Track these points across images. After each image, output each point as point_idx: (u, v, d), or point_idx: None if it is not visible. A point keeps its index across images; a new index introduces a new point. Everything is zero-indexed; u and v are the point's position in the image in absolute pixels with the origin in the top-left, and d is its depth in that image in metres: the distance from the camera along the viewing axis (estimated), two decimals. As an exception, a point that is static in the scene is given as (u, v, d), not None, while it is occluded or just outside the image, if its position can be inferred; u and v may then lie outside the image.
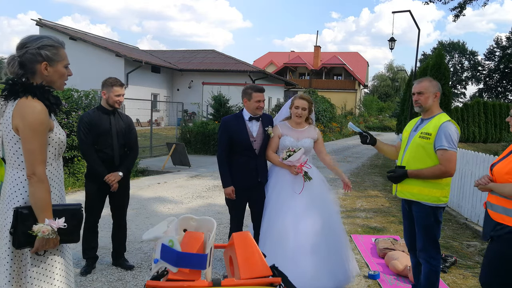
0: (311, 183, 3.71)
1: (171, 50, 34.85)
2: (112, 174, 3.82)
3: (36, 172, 1.96)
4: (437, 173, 3.04)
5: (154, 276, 1.63)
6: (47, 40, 2.07)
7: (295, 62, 47.21)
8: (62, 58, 2.11)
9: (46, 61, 2.04)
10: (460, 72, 56.44)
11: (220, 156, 3.77)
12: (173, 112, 23.28)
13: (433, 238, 3.19)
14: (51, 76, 2.08)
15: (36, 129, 1.97)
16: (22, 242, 1.98)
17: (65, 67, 2.14)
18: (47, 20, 26.03)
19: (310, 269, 3.47)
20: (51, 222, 1.96)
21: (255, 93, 3.71)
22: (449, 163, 3.00)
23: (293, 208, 3.65)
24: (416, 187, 3.15)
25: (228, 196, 3.75)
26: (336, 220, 3.82)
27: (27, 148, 1.97)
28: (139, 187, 8.24)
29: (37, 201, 1.96)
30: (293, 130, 3.86)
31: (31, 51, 2.02)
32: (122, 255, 4.14)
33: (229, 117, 3.86)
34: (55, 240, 2.00)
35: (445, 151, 3.01)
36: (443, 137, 3.02)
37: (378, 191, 8.86)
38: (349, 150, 18.32)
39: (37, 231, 1.93)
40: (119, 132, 3.91)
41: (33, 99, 2.00)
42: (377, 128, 37.24)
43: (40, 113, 1.99)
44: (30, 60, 2.02)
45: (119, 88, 3.85)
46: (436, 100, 3.20)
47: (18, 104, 1.99)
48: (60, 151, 2.18)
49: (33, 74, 2.05)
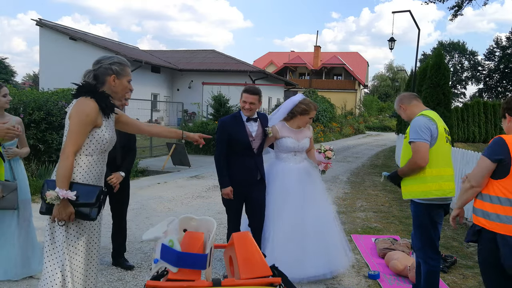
0: (313, 178, 4.03)
1: (171, 50, 34.85)
2: (114, 175, 3.83)
3: (65, 150, 2.34)
4: (410, 166, 3.14)
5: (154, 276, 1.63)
6: (117, 59, 2.56)
7: (295, 62, 47.20)
8: (127, 74, 2.59)
9: (114, 74, 2.51)
10: (460, 72, 56.47)
11: (218, 157, 3.77)
12: (173, 112, 23.29)
13: (429, 238, 3.19)
14: (116, 87, 2.54)
15: (81, 118, 2.35)
16: (44, 209, 2.37)
17: (128, 81, 2.61)
18: (47, 20, 26.00)
19: (306, 257, 3.76)
20: (59, 190, 2.27)
21: (243, 93, 3.74)
22: (416, 153, 3.07)
23: (297, 200, 3.88)
24: (408, 186, 3.23)
25: (226, 197, 3.76)
26: (330, 210, 4.12)
27: (69, 130, 2.37)
28: (139, 187, 8.24)
29: (58, 173, 2.33)
30: (293, 131, 3.99)
31: (104, 66, 2.50)
32: (122, 255, 4.14)
33: (226, 118, 3.88)
34: (67, 210, 2.31)
35: (412, 143, 3.12)
36: (411, 131, 3.16)
37: (378, 191, 8.86)
38: (349, 150, 18.32)
39: (46, 195, 2.29)
40: (121, 132, 3.91)
41: (91, 99, 2.40)
42: (377, 128, 37.23)
43: (91, 108, 2.37)
44: (103, 72, 2.50)
45: None
46: (408, 108, 3.40)
47: (79, 100, 2.42)
48: (104, 147, 2.51)
49: (103, 84, 2.50)
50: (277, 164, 4.03)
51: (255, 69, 28.63)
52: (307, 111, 3.97)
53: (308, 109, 3.97)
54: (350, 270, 4.28)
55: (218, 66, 28.08)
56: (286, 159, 4.01)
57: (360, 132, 32.19)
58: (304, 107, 3.96)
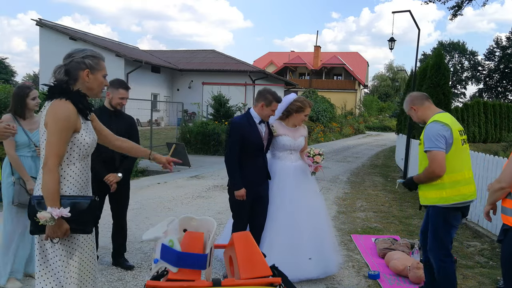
0: (308, 177, 4.08)
1: (171, 50, 34.84)
2: (111, 174, 3.83)
3: (48, 162, 2.13)
4: (428, 175, 3.12)
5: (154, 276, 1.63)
6: (90, 52, 2.34)
7: (295, 62, 47.20)
8: (101, 68, 2.36)
9: (88, 69, 2.29)
10: (460, 72, 56.46)
11: (231, 159, 3.68)
12: (173, 112, 23.26)
13: (439, 240, 3.18)
14: (91, 83, 2.31)
15: (61, 124, 2.15)
16: (36, 230, 2.15)
17: (103, 76, 2.38)
18: (47, 20, 26.01)
19: (301, 257, 3.80)
20: (52, 210, 2.07)
21: (275, 102, 3.73)
22: (433, 162, 3.05)
23: (293, 199, 3.94)
24: (426, 192, 3.22)
25: (241, 198, 3.68)
26: (324, 209, 4.19)
27: (48, 140, 2.16)
28: (139, 187, 8.24)
29: (44, 189, 2.12)
30: (289, 130, 4.04)
31: (76, 60, 2.27)
32: (122, 255, 4.14)
33: (240, 119, 3.81)
34: (62, 228, 2.13)
35: (428, 152, 3.09)
36: (425, 140, 3.13)
37: (378, 191, 8.86)
38: (349, 150, 18.32)
39: (39, 217, 2.07)
40: (120, 133, 3.88)
41: (66, 101, 2.20)
42: (377, 128, 37.24)
43: (69, 111, 2.18)
44: (74, 67, 2.27)
45: (124, 91, 3.90)
46: (420, 110, 3.33)
47: (52, 104, 2.21)
48: (86, 153, 2.32)
49: (76, 81, 2.28)
50: (274, 163, 4.03)
51: (255, 69, 28.61)
52: (302, 109, 4.00)
53: (303, 106, 4.00)
54: (350, 270, 4.29)
55: (218, 66, 28.07)
56: (283, 157, 4.03)
57: (360, 132, 32.20)
58: (299, 105, 3.99)
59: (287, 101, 4.03)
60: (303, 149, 4.13)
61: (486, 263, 4.59)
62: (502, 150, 13.46)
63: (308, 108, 4.04)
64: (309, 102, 4.10)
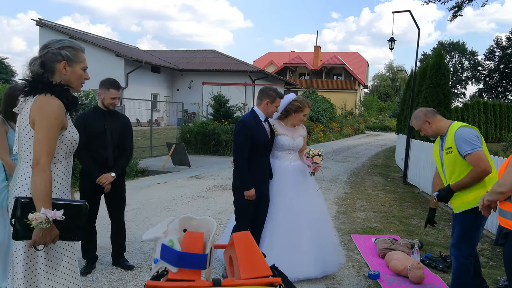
0: (307, 177, 4.07)
1: (171, 50, 34.84)
2: (104, 175, 3.80)
3: (40, 161, 1.99)
4: (475, 175, 3.15)
5: (154, 276, 1.63)
6: (68, 42, 2.19)
7: (295, 62, 47.20)
8: (81, 60, 2.21)
9: (65, 61, 2.13)
10: (460, 72, 56.44)
11: (242, 159, 3.64)
12: (173, 112, 23.25)
13: (469, 238, 3.24)
14: (69, 76, 2.16)
15: (50, 121, 2.03)
16: (20, 233, 1.98)
17: (83, 69, 2.23)
18: (47, 20, 26.03)
19: (300, 257, 3.80)
20: (46, 211, 1.94)
21: (278, 99, 3.78)
22: (480, 162, 3.11)
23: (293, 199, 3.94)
24: (464, 196, 3.24)
25: (251, 198, 3.67)
26: (324, 209, 4.18)
27: (37, 138, 2.03)
28: (139, 187, 8.24)
29: (37, 190, 1.97)
30: (288, 129, 4.05)
31: (52, 51, 2.12)
32: (122, 255, 4.14)
33: (248, 119, 3.77)
34: (53, 233, 1.98)
35: (470, 154, 3.13)
36: (462, 144, 3.17)
37: (378, 191, 8.86)
38: (349, 150, 18.32)
39: (31, 219, 1.91)
40: (114, 133, 3.89)
41: (51, 96, 2.07)
42: (377, 128, 37.24)
43: (57, 108, 2.06)
44: (50, 59, 2.12)
45: (115, 91, 3.84)
46: (434, 122, 3.41)
47: (37, 100, 2.07)
48: (72, 150, 2.23)
49: (52, 74, 2.13)
50: (272, 162, 4.03)
51: (255, 69, 28.62)
52: (301, 108, 4.00)
53: (302, 106, 4.01)
54: (350, 270, 4.29)
55: (218, 66, 28.07)
56: (282, 157, 4.03)
57: (360, 132, 32.21)
58: (298, 105, 4.00)
59: (285, 101, 4.03)
60: (302, 149, 4.13)
61: (486, 263, 4.59)
62: (502, 150, 13.46)
63: (307, 108, 4.05)
64: (308, 102, 4.10)
